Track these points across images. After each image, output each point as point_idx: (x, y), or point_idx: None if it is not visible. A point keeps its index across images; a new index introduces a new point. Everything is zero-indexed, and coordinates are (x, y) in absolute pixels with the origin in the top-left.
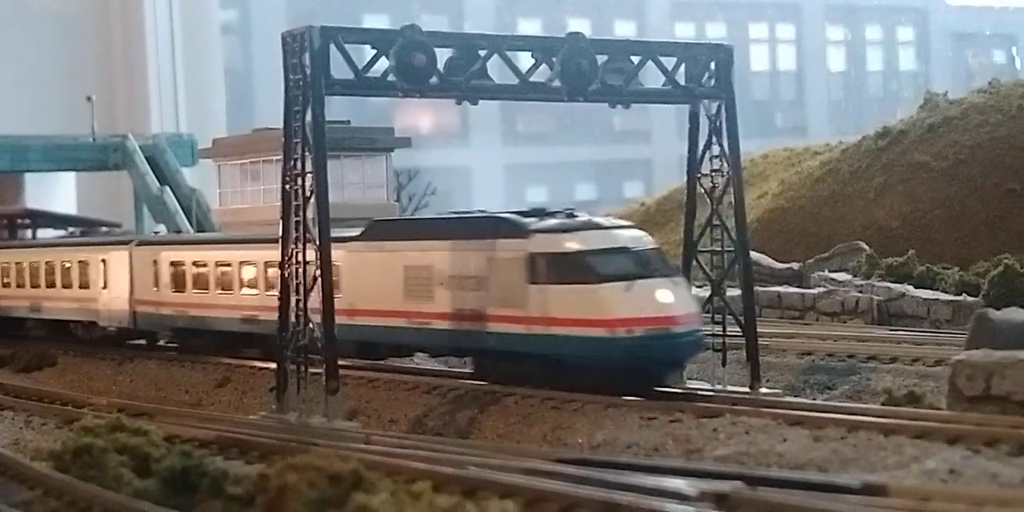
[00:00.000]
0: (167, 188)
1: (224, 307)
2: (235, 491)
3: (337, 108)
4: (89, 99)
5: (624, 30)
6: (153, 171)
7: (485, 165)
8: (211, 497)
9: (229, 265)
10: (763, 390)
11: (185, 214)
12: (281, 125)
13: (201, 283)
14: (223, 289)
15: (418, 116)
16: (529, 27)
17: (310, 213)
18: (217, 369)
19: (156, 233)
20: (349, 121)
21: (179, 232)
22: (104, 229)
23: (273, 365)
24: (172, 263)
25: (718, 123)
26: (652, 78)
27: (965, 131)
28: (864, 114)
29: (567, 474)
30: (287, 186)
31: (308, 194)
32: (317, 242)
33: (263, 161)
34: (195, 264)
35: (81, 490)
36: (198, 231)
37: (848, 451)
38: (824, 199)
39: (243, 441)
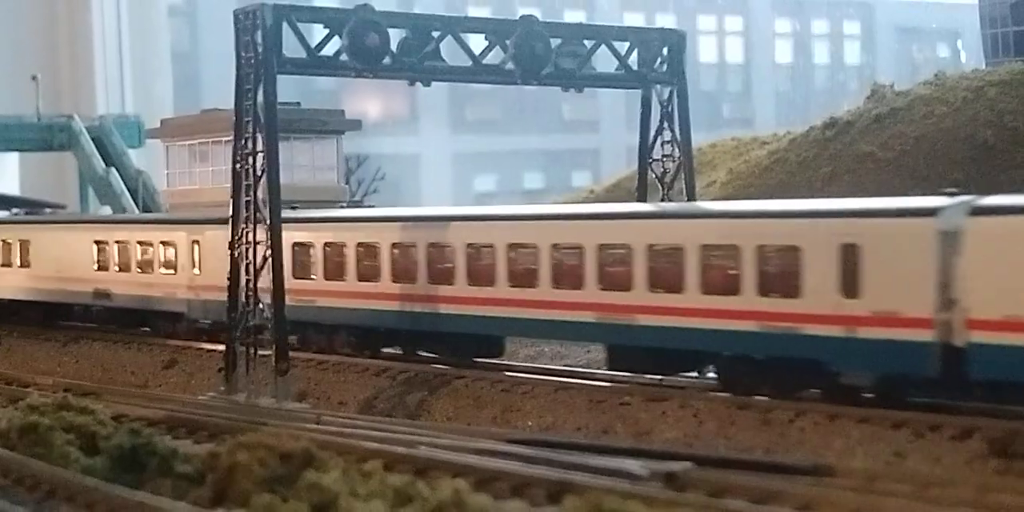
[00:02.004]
0: (113, 169)
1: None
2: (184, 469)
3: (286, 91)
4: (34, 78)
5: (573, 19)
6: (99, 152)
7: (434, 153)
8: (160, 475)
9: None
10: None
11: (131, 196)
12: (231, 106)
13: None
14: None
15: (367, 103)
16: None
17: (261, 193)
18: (164, 351)
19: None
20: (299, 103)
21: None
22: (48, 210)
23: (221, 347)
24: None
25: (670, 109)
26: (606, 63)
27: (911, 122)
28: (811, 106)
29: (519, 454)
30: (237, 166)
31: (259, 173)
32: (268, 222)
33: (212, 142)
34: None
35: (30, 467)
36: (144, 213)
37: (795, 434)
38: (772, 188)
39: (192, 421)
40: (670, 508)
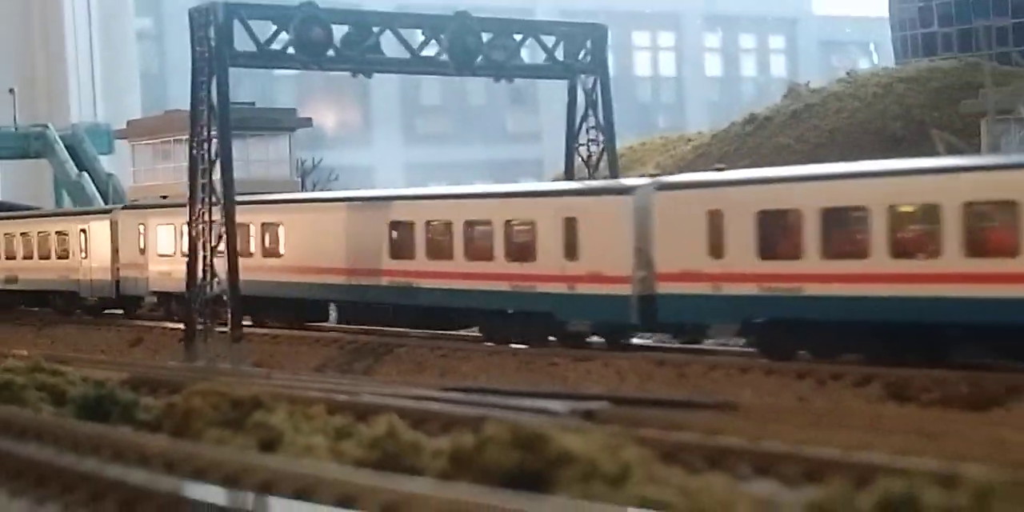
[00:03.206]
0: (85, 174)
1: None
2: (144, 418)
3: (244, 95)
4: (11, 92)
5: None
6: (72, 158)
7: (386, 164)
8: (122, 423)
9: None
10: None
11: (102, 197)
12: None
13: None
14: None
15: (324, 116)
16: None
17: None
18: (131, 331)
19: None
20: (254, 103)
21: None
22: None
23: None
24: None
25: (594, 96)
26: (535, 56)
27: (825, 116)
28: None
29: (451, 399)
30: (194, 151)
31: (213, 158)
32: (222, 202)
33: (174, 141)
34: None
35: (4, 413)
36: None
37: (709, 386)
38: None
39: (153, 380)
40: (582, 433)
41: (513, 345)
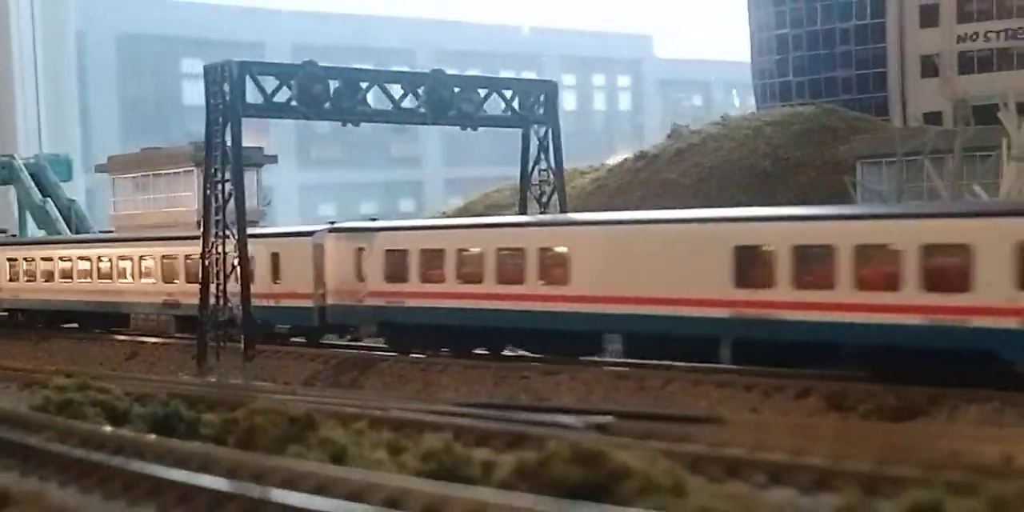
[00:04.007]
0: (49, 199)
1: None
2: (208, 432)
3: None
4: None
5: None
6: (36, 185)
7: (284, 185)
8: (189, 437)
9: None
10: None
11: (65, 221)
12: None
13: None
14: None
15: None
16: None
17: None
18: (125, 345)
19: None
20: None
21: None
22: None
23: (173, 341)
24: None
25: (546, 143)
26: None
27: (705, 155)
28: (589, 146)
29: (473, 414)
30: (207, 191)
31: (227, 197)
32: (236, 237)
33: (153, 175)
34: None
35: (88, 430)
36: (76, 234)
37: (667, 397)
38: (595, 209)
39: (189, 395)
40: (625, 449)
41: (486, 360)
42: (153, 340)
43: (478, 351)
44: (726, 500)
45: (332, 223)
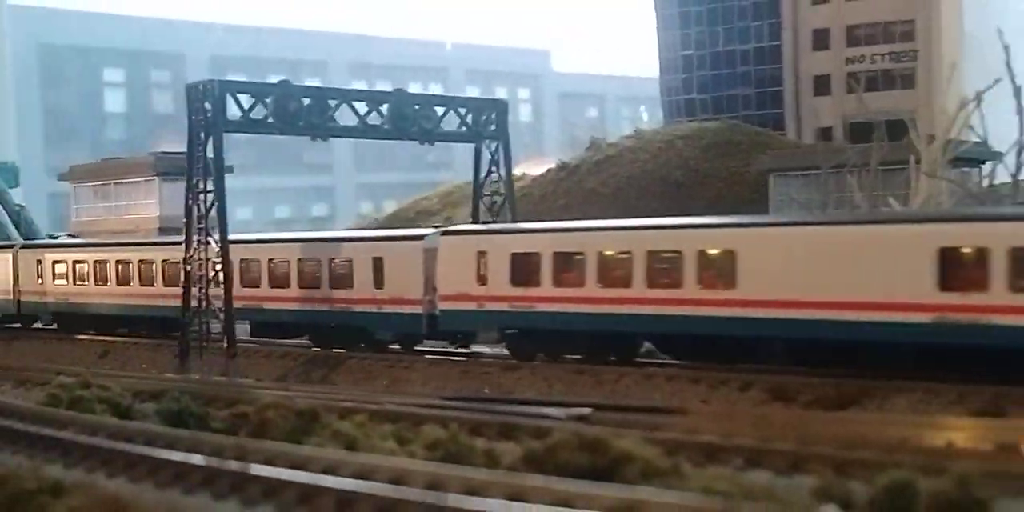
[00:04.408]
0: None
1: None
2: (218, 425)
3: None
4: None
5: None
6: None
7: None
8: (200, 429)
9: None
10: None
11: (14, 226)
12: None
13: None
14: None
15: None
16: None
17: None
18: (96, 344)
19: None
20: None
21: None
22: None
23: (143, 340)
24: None
25: (497, 157)
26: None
27: (622, 166)
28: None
29: (462, 406)
30: (189, 201)
31: (209, 207)
32: (219, 244)
33: (114, 184)
34: None
35: (107, 424)
36: (25, 239)
37: (623, 390)
38: (523, 217)
39: (187, 391)
40: (622, 437)
41: (447, 357)
42: (123, 340)
43: (603, 356)
44: (719, 481)
45: (437, 226)
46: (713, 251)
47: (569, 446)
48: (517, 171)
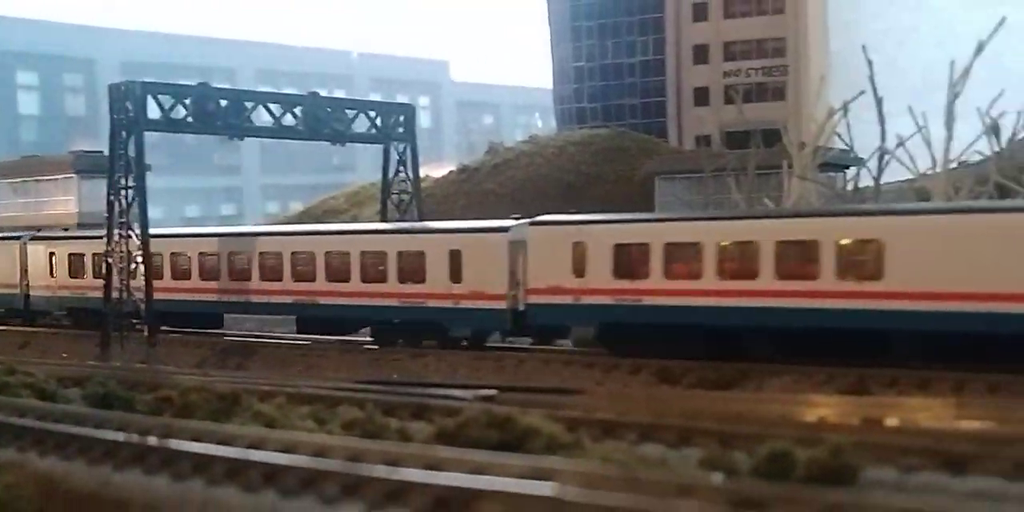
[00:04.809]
0: None
1: None
2: (143, 408)
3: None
4: None
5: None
6: None
7: None
8: (125, 411)
9: None
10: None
11: None
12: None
13: None
14: None
15: None
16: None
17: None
18: (16, 335)
19: None
20: (102, 152)
21: None
22: None
23: (62, 330)
24: None
25: (405, 158)
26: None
27: (519, 169)
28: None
29: (373, 390)
30: (111, 197)
31: (130, 202)
32: (140, 237)
33: (33, 181)
34: None
35: (36, 406)
36: None
37: (523, 374)
38: (426, 216)
39: (112, 377)
40: (527, 414)
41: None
42: (45, 330)
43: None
44: (616, 453)
45: (517, 217)
46: (856, 241)
47: (479, 423)
48: (420, 173)
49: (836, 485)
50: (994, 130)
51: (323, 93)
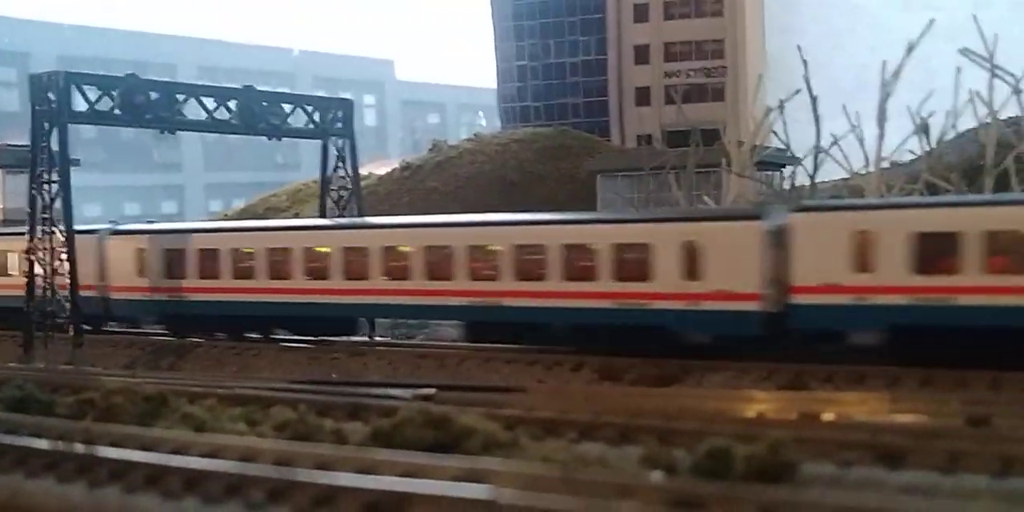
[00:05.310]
0: None
1: None
2: (63, 412)
3: None
4: None
5: None
6: None
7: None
8: (43, 415)
9: None
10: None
11: None
12: None
13: None
14: None
15: None
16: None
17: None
18: None
19: None
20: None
21: None
22: None
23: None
24: None
25: (343, 153)
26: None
27: (462, 166)
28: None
29: (313, 390)
30: (33, 191)
31: (54, 197)
32: (64, 233)
33: None
34: None
35: None
36: None
37: (464, 372)
38: (368, 213)
39: (33, 379)
40: (465, 413)
41: (298, 345)
42: None
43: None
44: (556, 452)
45: (767, 203)
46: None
47: (414, 423)
48: (363, 171)
49: (775, 481)
50: (924, 130)
51: (266, 89)
